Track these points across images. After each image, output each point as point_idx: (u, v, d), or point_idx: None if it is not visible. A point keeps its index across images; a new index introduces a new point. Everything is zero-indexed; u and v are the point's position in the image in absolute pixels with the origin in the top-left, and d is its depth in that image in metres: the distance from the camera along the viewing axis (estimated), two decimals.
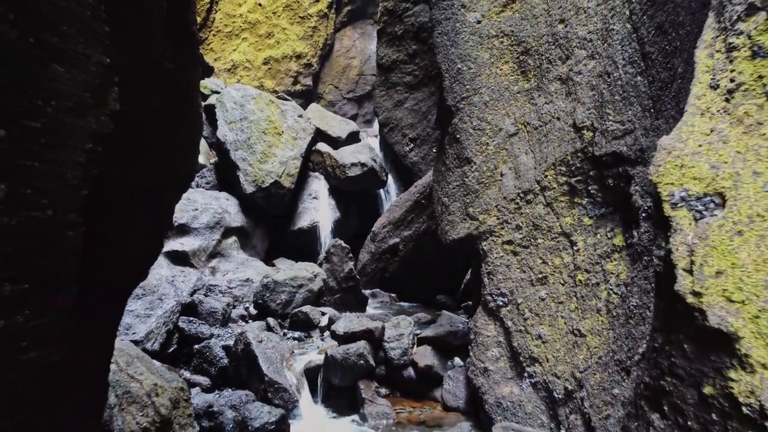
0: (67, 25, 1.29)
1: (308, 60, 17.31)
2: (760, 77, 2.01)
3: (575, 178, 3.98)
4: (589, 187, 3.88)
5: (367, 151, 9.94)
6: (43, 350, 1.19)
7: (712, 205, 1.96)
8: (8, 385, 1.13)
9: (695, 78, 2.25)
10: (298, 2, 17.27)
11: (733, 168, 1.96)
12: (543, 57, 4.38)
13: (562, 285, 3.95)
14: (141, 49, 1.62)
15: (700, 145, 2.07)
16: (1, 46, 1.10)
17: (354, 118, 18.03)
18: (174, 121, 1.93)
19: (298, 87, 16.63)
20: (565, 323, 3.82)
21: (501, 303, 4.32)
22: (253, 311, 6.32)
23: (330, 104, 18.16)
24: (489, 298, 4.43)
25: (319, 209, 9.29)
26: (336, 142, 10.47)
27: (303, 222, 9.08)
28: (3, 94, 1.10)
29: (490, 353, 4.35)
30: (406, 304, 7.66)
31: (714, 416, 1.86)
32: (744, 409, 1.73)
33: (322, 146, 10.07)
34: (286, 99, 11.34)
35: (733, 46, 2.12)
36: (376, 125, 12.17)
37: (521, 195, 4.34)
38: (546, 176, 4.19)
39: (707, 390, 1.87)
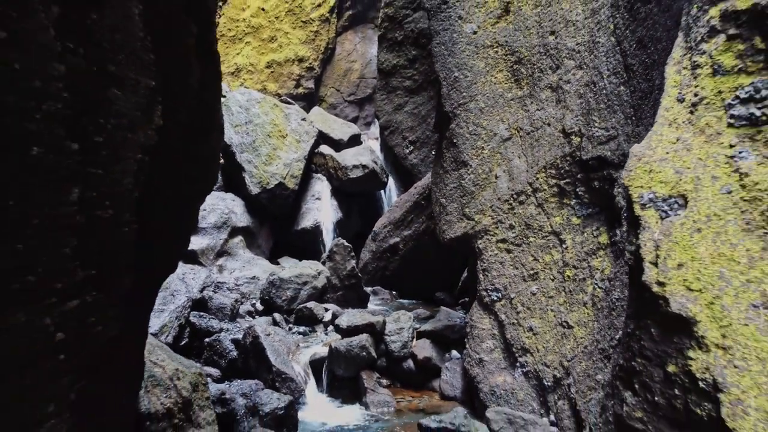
0: (122, 56, 1.53)
1: (310, 63, 17.53)
2: (720, 92, 2.25)
3: (564, 181, 4.22)
4: (577, 189, 4.12)
5: (368, 153, 10.19)
6: (106, 326, 1.43)
7: (675, 206, 2.20)
8: (79, 354, 1.36)
9: (665, 92, 2.49)
10: (301, 7, 17.50)
11: (694, 173, 2.20)
12: (535, 66, 4.62)
13: (552, 280, 4.19)
14: (176, 72, 1.86)
15: (667, 153, 2.31)
16: (75, 75, 1.34)
17: (355, 120, 18.27)
18: (199, 132, 2.17)
19: (300, 90, 16.85)
20: (554, 316, 4.07)
21: (495, 298, 4.56)
22: (259, 307, 6.56)
23: (331, 107, 18.40)
24: (484, 293, 4.67)
25: (321, 210, 9.53)
26: (338, 145, 10.71)
27: (306, 222, 9.32)
28: (78, 115, 1.34)
29: (485, 345, 4.59)
30: (406, 301, 7.89)
31: (676, 391, 2.10)
32: (700, 383, 1.97)
33: (324, 149, 10.31)
34: (289, 103, 11.58)
35: (697, 64, 2.36)
36: (376, 128, 12.40)
37: (514, 196, 4.58)
38: (537, 178, 4.44)
39: (671, 368, 2.11)
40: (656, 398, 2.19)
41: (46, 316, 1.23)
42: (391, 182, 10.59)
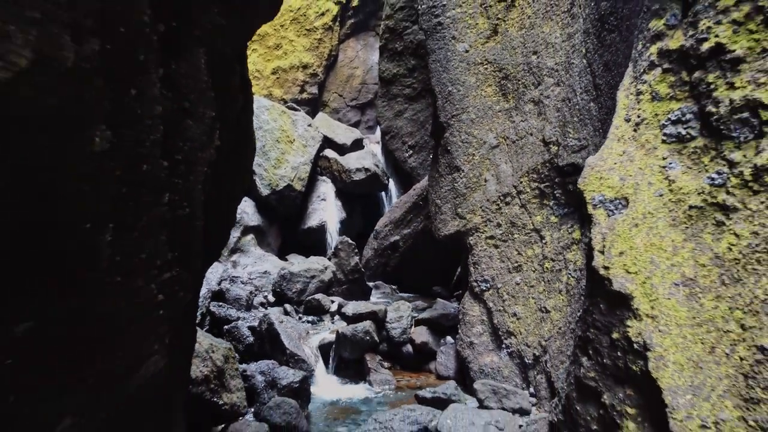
0: (193, 95, 2.03)
1: (314, 70, 18.01)
2: (656, 115, 2.75)
3: (544, 184, 4.73)
4: (555, 192, 4.62)
5: (370, 157, 10.69)
6: (185, 293, 1.92)
7: (619, 206, 2.70)
8: (170, 311, 1.87)
9: (616, 112, 2.99)
10: (305, 16, 18.01)
11: (635, 180, 2.71)
12: (519, 82, 5.12)
13: (533, 272, 4.70)
14: (227, 103, 2.35)
15: (614, 163, 2.81)
16: (166, 112, 1.85)
17: (357, 124, 18.77)
18: (240, 147, 2.66)
19: (304, 95, 17.35)
20: (534, 303, 4.57)
21: (484, 288, 5.06)
22: (271, 299, 7.06)
23: (334, 111, 18.90)
24: (474, 284, 5.17)
25: (326, 210, 10.03)
26: (342, 149, 11.21)
27: (312, 221, 9.82)
28: (166, 140, 1.84)
29: (475, 330, 5.09)
30: (405, 295, 8.38)
31: (619, 353, 2.59)
32: (635, 345, 2.47)
33: (329, 152, 10.81)
34: (296, 109, 12.08)
35: (640, 91, 2.86)
36: (377, 132, 12.89)
37: (501, 198, 5.08)
38: (521, 182, 4.94)
39: (615, 335, 2.61)
40: (605, 360, 2.70)
41: (152, 283, 1.73)
42: (391, 184, 11.09)
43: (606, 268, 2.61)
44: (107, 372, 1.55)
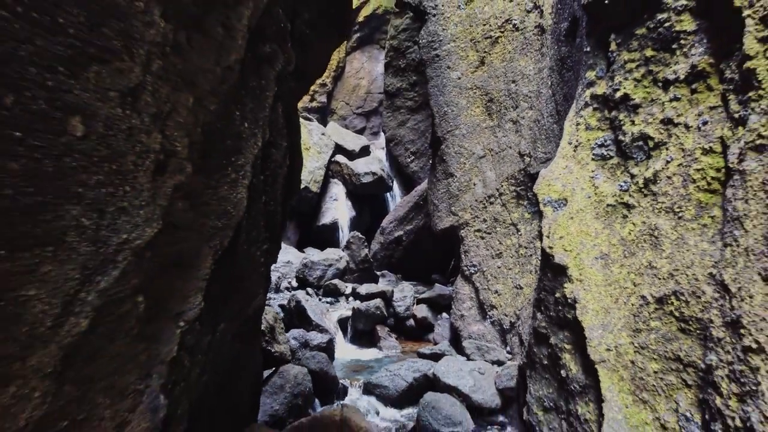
0: (276, 131, 3.05)
1: (323, 80, 19.00)
2: (588, 140, 3.76)
3: (520, 187, 5.73)
4: (528, 193, 5.63)
5: (377, 162, 11.69)
6: (273, 259, 2.94)
7: (561, 205, 3.71)
8: (266, 270, 2.88)
9: (563, 137, 4.00)
10: None
11: (572, 186, 3.71)
12: (501, 104, 6.13)
13: (511, 257, 5.71)
14: (292, 133, 3.37)
15: (559, 174, 3.82)
16: (264, 146, 2.86)
17: (362, 130, 19.78)
18: (294, 164, 3.65)
19: (314, 104, 18.35)
20: (511, 281, 5.58)
21: (473, 271, 6.07)
22: (294, 284, 8.08)
23: (341, 118, 19.91)
24: (465, 268, 6.18)
25: (338, 209, 11.05)
26: (351, 155, 12.22)
27: (326, 219, 10.83)
28: (263, 162, 2.85)
29: (465, 305, 6.10)
30: (408, 282, 9.39)
31: (560, 307, 3.60)
32: (568, 300, 3.48)
33: (340, 158, 11.82)
34: (309, 119, 13.08)
35: (578, 123, 3.87)
36: (382, 138, 13.90)
37: (486, 198, 6.09)
38: (502, 186, 5.95)
39: (557, 294, 3.62)
40: (551, 313, 3.71)
41: (258, 251, 2.75)
42: (395, 186, 12.10)
43: (551, 247, 3.62)
44: (239, 302, 2.58)
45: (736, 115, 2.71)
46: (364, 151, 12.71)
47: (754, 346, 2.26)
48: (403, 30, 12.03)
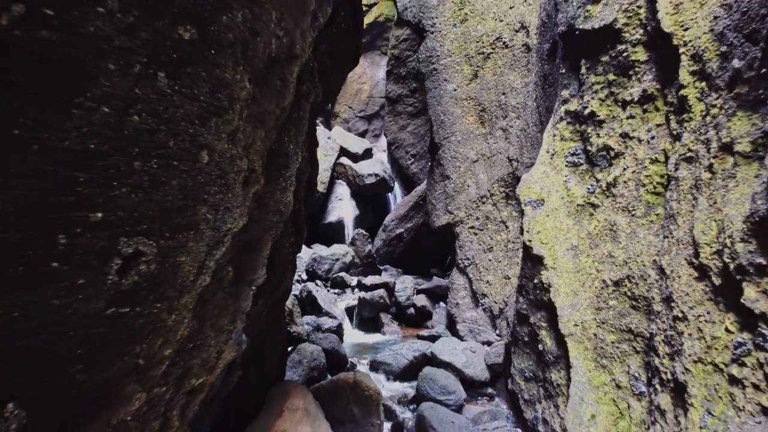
0: (301, 143, 3.62)
1: None
2: (563, 149, 4.32)
3: (509, 189, 6.30)
4: (516, 194, 6.19)
5: (379, 164, 12.25)
6: (299, 249, 3.50)
7: (539, 204, 4.28)
8: (294, 256, 3.45)
9: (542, 146, 4.57)
10: None
11: (548, 189, 4.29)
12: (492, 114, 6.69)
13: (501, 251, 6.28)
14: (310, 144, 3.94)
15: (538, 178, 4.39)
16: (303, 161, 3.44)
17: (365, 132, 20.34)
18: (312, 170, 4.22)
19: None
20: (501, 273, 6.15)
21: (467, 264, 6.64)
22: (305, 277, 8.65)
23: (345, 121, 20.47)
24: (460, 261, 6.75)
25: (343, 208, 11.61)
26: (355, 157, 12.78)
27: (332, 217, 11.40)
28: (297, 175, 3.43)
29: (460, 294, 6.67)
30: (408, 275, 9.95)
31: (537, 291, 4.17)
32: (544, 284, 4.05)
33: (344, 160, 12.38)
34: (316, 124, 13.64)
35: (554, 134, 4.43)
36: (383, 140, 14.45)
37: (479, 198, 6.66)
38: (493, 187, 6.51)
39: (536, 280, 4.19)
40: (530, 296, 4.28)
41: (287, 242, 3.32)
42: (396, 186, 12.66)
43: (530, 241, 4.19)
44: (273, 283, 3.15)
45: (675, 132, 3.28)
46: (367, 154, 13.27)
47: (680, 315, 2.84)
48: (403, 40, 12.58)
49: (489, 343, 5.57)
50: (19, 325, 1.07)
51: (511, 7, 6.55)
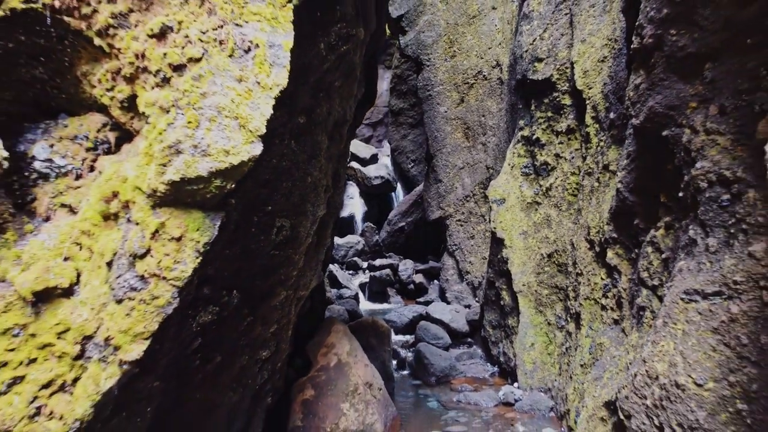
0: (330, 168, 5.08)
1: None
2: (519, 163, 5.78)
3: (486, 190, 7.75)
4: None
5: (384, 168, 13.71)
6: (332, 243, 4.94)
7: (502, 203, 5.74)
8: (324, 251, 4.90)
9: (506, 160, 6.03)
10: None
11: (508, 191, 5.75)
12: (476, 131, 8.14)
13: (480, 239, 7.74)
14: (341, 166, 5.40)
15: (501, 184, 5.85)
16: (329, 190, 4.91)
17: (369, 138, 21.68)
18: (336, 196, 5.68)
19: None
20: (480, 254, 7.62)
21: (454, 249, 8.11)
22: None
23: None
24: (449, 247, 8.22)
25: (354, 205, 13.07)
26: (363, 162, 14.23)
27: (344, 213, 12.85)
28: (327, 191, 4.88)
29: (449, 272, 8.14)
30: (409, 260, 11.40)
31: (500, 263, 5.63)
32: (504, 258, 5.51)
33: (354, 164, 13.82)
34: None
35: (513, 152, 5.89)
36: (387, 145, 15.87)
37: (464, 198, 8.11)
38: (475, 189, 7.97)
39: (499, 256, 5.65)
40: (495, 267, 5.75)
41: (324, 241, 4.78)
42: (398, 187, 14.11)
43: (495, 228, 5.65)
44: (310, 274, 4.62)
45: (583, 155, 4.74)
46: (374, 159, 14.72)
47: (580, 272, 4.30)
48: (405, 61, 13.99)
49: (469, 307, 7.04)
50: (247, 260, 2.55)
51: (489, 48, 7.99)
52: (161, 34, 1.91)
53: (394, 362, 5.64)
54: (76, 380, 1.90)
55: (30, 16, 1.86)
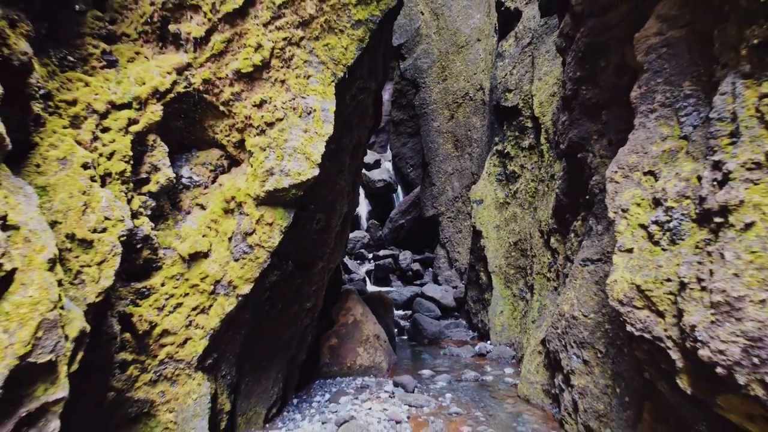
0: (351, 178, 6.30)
1: None
2: (494, 171, 7.00)
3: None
4: None
5: (386, 172, 14.93)
6: (340, 255, 6.18)
7: (480, 203, 6.97)
8: (340, 248, 6.12)
9: (484, 169, 7.25)
10: None
11: (486, 193, 6.98)
12: (463, 143, 9.36)
13: (467, 233, 8.96)
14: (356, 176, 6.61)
15: (480, 188, 7.07)
16: (348, 193, 6.14)
17: (372, 144, 22.82)
18: (353, 197, 6.89)
19: None
20: (466, 246, 8.84)
21: (445, 241, 9.34)
22: None
23: None
24: (441, 240, 9.45)
25: (360, 205, 14.30)
26: (367, 166, 15.45)
27: None
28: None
29: (441, 261, 9.37)
30: (408, 251, 12.62)
31: (479, 251, 6.86)
32: (482, 246, 6.74)
33: None
34: None
35: (490, 162, 7.11)
36: (388, 152, 17.09)
37: (454, 198, 9.34)
38: (462, 191, 9.20)
39: (478, 245, 6.88)
40: (475, 254, 6.98)
41: (344, 236, 6.01)
42: (399, 189, 15.32)
43: (475, 224, 6.88)
44: (337, 253, 5.87)
45: (539, 167, 5.96)
46: (377, 164, 15.94)
47: (533, 254, 5.52)
48: (404, 78, 15.19)
49: (457, 287, 8.27)
50: (298, 241, 3.81)
51: (474, 74, 9.20)
52: (260, 104, 3.15)
53: (395, 330, 6.87)
54: (210, 306, 3.14)
55: (187, 94, 3.09)
